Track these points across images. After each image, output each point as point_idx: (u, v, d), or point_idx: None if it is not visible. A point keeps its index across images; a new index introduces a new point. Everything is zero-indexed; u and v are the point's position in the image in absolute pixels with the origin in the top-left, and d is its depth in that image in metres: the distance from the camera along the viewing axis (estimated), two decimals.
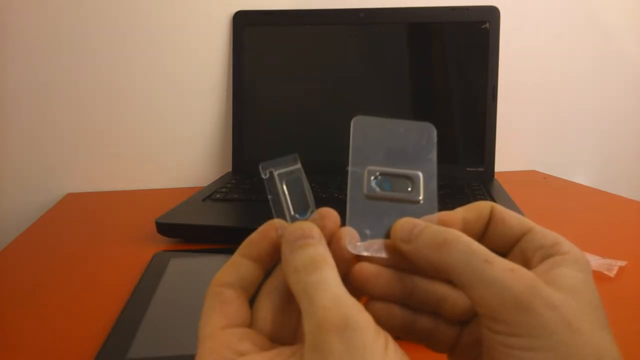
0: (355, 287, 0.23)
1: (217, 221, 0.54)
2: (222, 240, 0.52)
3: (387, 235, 0.24)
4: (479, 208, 0.25)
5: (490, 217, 0.24)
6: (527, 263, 0.23)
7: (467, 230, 0.24)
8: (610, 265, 0.45)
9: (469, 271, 0.21)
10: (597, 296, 0.21)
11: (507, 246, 0.24)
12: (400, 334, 0.24)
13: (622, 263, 0.46)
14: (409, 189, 0.24)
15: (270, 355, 0.20)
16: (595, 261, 0.46)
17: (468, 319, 0.24)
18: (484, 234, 0.25)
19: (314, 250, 0.22)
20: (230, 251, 0.51)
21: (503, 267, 0.20)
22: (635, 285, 0.42)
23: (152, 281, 0.41)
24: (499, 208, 0.24)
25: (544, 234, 0.23)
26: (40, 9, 0.74)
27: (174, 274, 0.42)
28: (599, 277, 0.44)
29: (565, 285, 0.20)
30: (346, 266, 0.23)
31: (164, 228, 0.53)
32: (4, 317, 0.38)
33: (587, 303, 0.20)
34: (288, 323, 0.23)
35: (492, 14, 0.75)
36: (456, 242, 0.21)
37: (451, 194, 0.63)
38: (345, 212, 0.23)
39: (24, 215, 0.78)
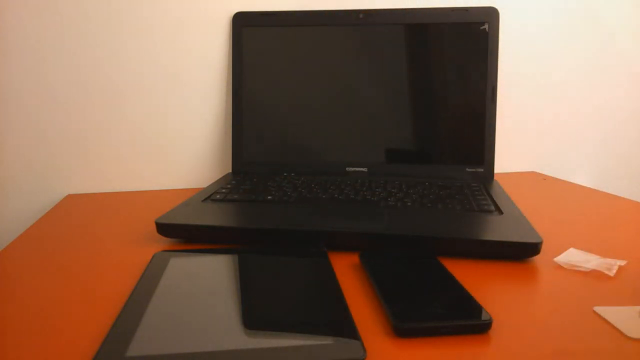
0: None
1: (217, 221, 0.54)
2: (222, 240, 0.52)
3: None
4: None
5: None
6: None
7: None
8: (610, 265, 0.45)
9: None
10: None
11: None
12: None
13: (622, 263, 0.46)
14: None
15: None
16: (595, 261, 0.46)
17: None
18: None
19: None
20: (230, 251, 0.51)
21: None
22: (635, 285, 0.42)
23: (152, 281, 0.41)
24: None
25: None
26: (40, 10, 0.74)
27: (174, 274, 0.42)
28: (599, 276, 0.44)
29: None
30: None
31: (164, 228, 0.53)
32: (4, 316, 0.38)
33: None
34: None
35: (491, 14, 0.75)
36: None
37: (451, 194, 0.64)
38: (344, 211, 0.24)
39: (25, 216, 0.78)
